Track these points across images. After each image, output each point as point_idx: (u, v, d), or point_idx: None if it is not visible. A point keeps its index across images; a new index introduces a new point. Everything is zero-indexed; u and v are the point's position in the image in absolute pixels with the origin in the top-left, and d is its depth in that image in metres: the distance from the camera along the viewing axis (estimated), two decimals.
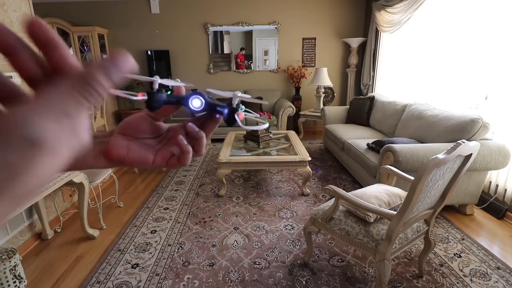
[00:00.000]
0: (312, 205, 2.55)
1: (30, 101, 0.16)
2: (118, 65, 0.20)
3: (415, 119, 2.86)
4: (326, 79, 4.62)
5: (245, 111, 0.31)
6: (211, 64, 5.27)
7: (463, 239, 2.02)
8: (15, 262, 1.50)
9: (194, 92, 0.29)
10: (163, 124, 0.33)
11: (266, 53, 5.26)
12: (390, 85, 4.30)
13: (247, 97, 0.33)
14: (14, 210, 0.16)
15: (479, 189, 2.29)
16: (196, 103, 0.29)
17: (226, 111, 0.30)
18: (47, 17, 4.63)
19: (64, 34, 4.80)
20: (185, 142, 0.29)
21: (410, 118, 2.96)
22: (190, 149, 0.30)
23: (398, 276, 1.69)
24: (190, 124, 0.30)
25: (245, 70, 5.32)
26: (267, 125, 0.35)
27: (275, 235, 2.10)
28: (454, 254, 1.87)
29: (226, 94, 0.31)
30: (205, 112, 0.30)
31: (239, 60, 5.29)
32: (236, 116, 0.30)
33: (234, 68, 5.31)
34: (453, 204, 2.39)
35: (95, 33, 4.74)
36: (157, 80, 0.29)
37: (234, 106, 0.30)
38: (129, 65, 0.20)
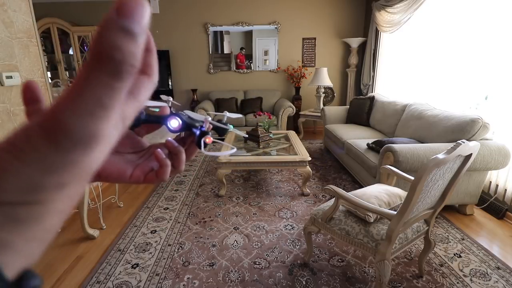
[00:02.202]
0: (312, 205, 2.55)
1: (64, 96, 0.15)
2: (132, 14, 0.15)
3: (415, 119, 2.86)
4: (326, 79, 4.62)
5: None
6: (211, 64, 5.27)
7: (463, 239, 2.02)
8: None
9: (173, 113, 0.31)
10: (145, 141, 0.33)
11: (266, 53, 5.26)
12: (390, 85, 4.30)
13: (221, 121, 0.35)
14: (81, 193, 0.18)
15: (479, 189, 2.29)
16: (174, 123, 0.30)
17: (197, 133, 0.31)
18: (47, 17, 4.64)
19: (64, 34, 4.81)
20: (163, 156, 0.29)
21: (410, 118, 2.96)
22: (169, 163, 0.29)
23: (398, 276, 1.69)
24: (169, 139, 0.30)
25: (245, 70, 5.32)
26: (232, 151, 0.36)
27: (275, 235, 2.10)
28: (454, 254, 1.87)
29: (199, 118, 0.32)
30: (183, 132, 0.31)
31: (239, 60, 5.29)
32: (202, 141, 0.31)
33: (234, 68, 5.32)
34: (453, 204, 2.39)
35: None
36: None
37: (205, 129, 0.31)
38: (145, 9, 0.16)
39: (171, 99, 0.36)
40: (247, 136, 3.11)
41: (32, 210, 0.16)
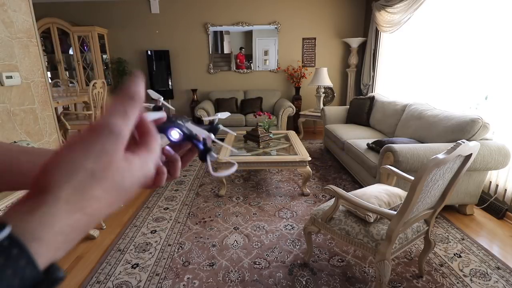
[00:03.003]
0: (312, 205, 2.55)
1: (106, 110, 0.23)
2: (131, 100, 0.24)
3: (415, 119, 2.86)
4: (326, 79, 4.62)
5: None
6: (211, 64, 5.27)
7: (463, 239, 2.02)
8: None
9: (173, 124, 0.31)
10: None
11: (266, 53, 5.26)
12: (390, 85, 4.30)
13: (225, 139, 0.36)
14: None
15: (479, 189, 2.29)
16: (174, 134, 0.31)
17: (201, 147, 0.32)
18: (47, 17, 4.64)
19: (64, 34, 4.81)
20: (160, 164, 0.30)
21: (410, 118, 2.96)
22: (165, 170, 0.30)
23: (398, 276, 1.69)
24: (167, 147, 0.32)
25: (245, 70, 5.32)
26: (234, 169, 0.38)
27: (275, 235, 2.10)
28: (454, 254, 1.87)
29: (202, 133, 0.33)
30: (183, 142, 0.32)
31: (238, 60, 5.29)
32: (208, 157, 0.32)
33: (234, 68, 5.32)
34: (453, 204, 2.39)
35: (95, 33, 4.74)
36: None
37: (209, 146, 0.33)
38: (140, 94, 0.24)
39: (161, 98, 0.36)
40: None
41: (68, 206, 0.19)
